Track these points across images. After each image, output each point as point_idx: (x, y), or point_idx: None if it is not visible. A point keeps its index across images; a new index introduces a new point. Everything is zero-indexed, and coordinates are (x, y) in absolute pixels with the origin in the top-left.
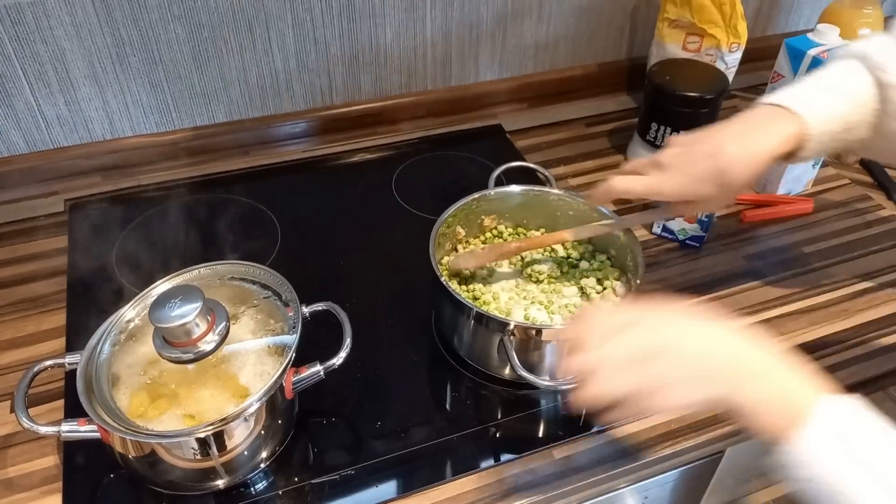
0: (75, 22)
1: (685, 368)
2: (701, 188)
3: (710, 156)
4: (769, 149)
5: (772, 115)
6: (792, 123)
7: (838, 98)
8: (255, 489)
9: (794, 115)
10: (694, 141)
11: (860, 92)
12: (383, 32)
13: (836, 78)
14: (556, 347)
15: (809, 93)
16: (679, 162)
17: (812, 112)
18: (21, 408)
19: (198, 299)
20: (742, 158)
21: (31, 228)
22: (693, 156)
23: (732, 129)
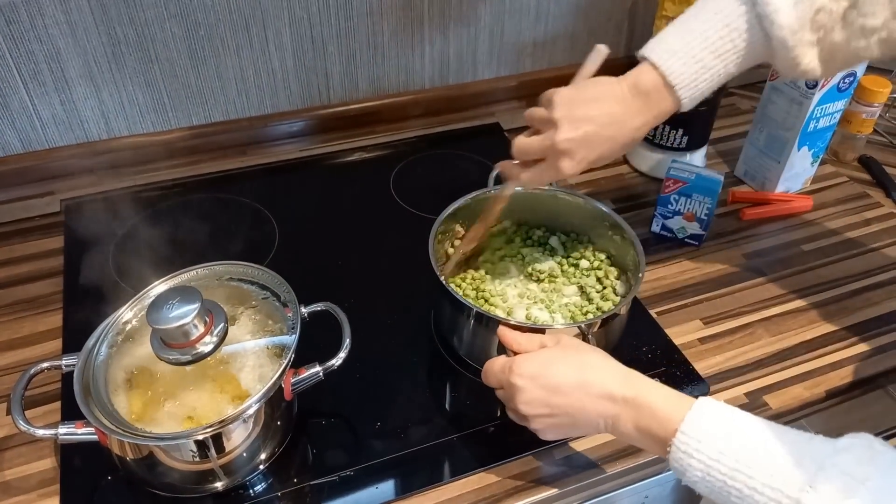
0: (70, 21)
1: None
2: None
3: (611, 140)
4: (652, 125)
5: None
6: (671, 101)
7: (721, 59)
8: (253, 491)
9: (673, 91)
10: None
11: (743, 48)
12: (381, 31)
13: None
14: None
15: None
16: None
17: (690, 79)
18: (18, 410)
19: (196, 300)
20: (637, 140)
21: (26, 229)
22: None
23: (624, 108)
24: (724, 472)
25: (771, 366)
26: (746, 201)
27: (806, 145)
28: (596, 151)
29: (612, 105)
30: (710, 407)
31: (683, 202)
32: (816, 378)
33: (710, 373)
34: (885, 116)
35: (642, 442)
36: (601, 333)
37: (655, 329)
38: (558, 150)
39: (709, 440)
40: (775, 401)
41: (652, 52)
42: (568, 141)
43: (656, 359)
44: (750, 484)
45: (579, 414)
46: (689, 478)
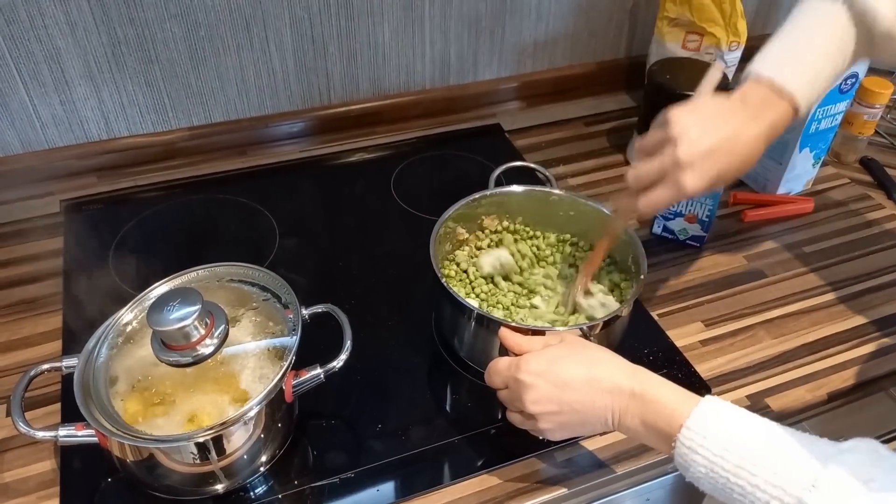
0: (70, 21)
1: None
2: (717, 185)
3: (729, 154)
4: (772, 137)
5: (768, 102)
6: (787, 107)
7: (825, 58)
8: (254, 493)
9: (788, 97)
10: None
11: (848, 48)
12: (381, 31)
13: (821, 38)
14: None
15: (797, 60)
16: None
17: (804, 85)
18: (17, 412)
19: (196, 302)
20: (755, 154)
21: (26, 230)
22: (711, 154)
23: (738, 121)
24: (727, 468)
25: (773, 368)
26: (748, 203)
27: (807, 147)
28: (717, 165)
29: (727, 118)
30: (716, 405)
31: (685, 204)
32: (818, 380)
33: (712, 375)
34: (887, 118)
35: (648, 437)
36: (603, 335)
37: (657, 331)
38: (680, 164)
39: (713, 437)
40: (777, 403)
41: (755, 68)
42: (689, 154)
43: (658, 361)
44: (753, 482)
45: (588, 410)
46: (693, 474)
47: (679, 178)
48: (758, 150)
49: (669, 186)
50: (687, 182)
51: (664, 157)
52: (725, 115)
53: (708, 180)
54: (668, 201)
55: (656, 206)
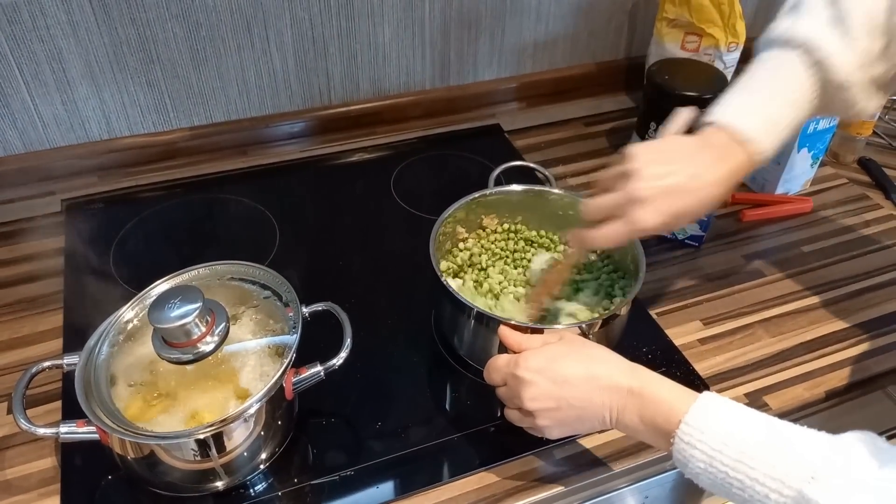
0: (72, 21)
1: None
2: (673, 225)
3: (688, 194)
4: (731, 182)
5: (728, 149)
6: (746, 156)
7: (785, 108)
8: (254, 490)
9: (747, 145)
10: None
11: (807, 96)
12: (382, 32)
13: (780, 85)
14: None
15: (757, 109)
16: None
17: (764, 134)
18: (19, 409)
19: (197, 300)
20: (714, 197)
21: (27, 229)
22: (670, 192)
23: (701, 162)
24: (726, 462)
25: (771, 366)
26: (746, 203)
27: (806, 147)
28: (675, 204)
29: (689, 157)
30: (714, 400)
31: None
32: (816, 379)
33: (711, 373)
34: (885, 118)
35: (646, 434)
36: (602, 334)
37: (656, 330)
38: (635, 199)
39: (712, 431)
40: (775, 401)
41: (716, 115)
42: (646, 189)
43: (656, 359)
44: (751, 475)
45: (586, 406)
46: (692, 469)
47: (633, 213)
48: (718, 194)
49: (623, 222)
50: (641, 218)
51: (619, 192)
52: (688, 155)
53: (663, 218)
54: (620, 237)
55: (608, 241)
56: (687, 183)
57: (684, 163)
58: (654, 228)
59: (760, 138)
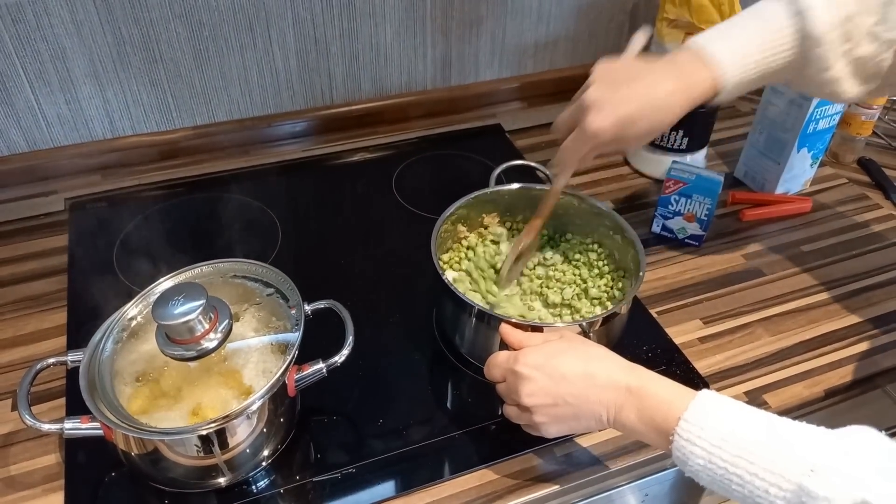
0: (76, 20)
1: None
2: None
3: (641, 99)
4: (688, 100)
5: (691, 66)
6: (708, 75)
7: (757, 45)
8: (256, 487)
9: (711, 66)
10: (619, 81)
11: (782, 40)
12: (383, 32)
13: (757, 22)
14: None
15: (730, 38)
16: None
17: (729, 61)
18: (24, 405)
19: (201, 297)
20: (668, 109)
21: (31, 227)
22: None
23: (657, 73)
24: (725, 458)
25: (770, 365)
26: (746, 202)
27: (805, 147)
28: (626, 107)
29: (648, 69)
30: (713, 398)
31: (684, 203)
32: (815, 377)
33: (710, 372)
34: (884, 119)
35: (644, 432)
36: (602, 332)
37: (656, 328)
38: (587, 105)
39: (711, 428)
40: (775, 400)
41: (689, 41)
42: (596, 92)
43: (656, 358)
44: (751, 470)
45: (583, 404)
46: (692, 466)
47: (585, 118)
48: (672, 105)
49: (578, 128)
50: (591, 120)
51: (578, 101)
52: (647, 67)
53: (612, 120)
54: (576, 145)
55: (567, 152)
56: (640, 89)
57: (642, 73)
58: (605, 132)
59: (726, 63)
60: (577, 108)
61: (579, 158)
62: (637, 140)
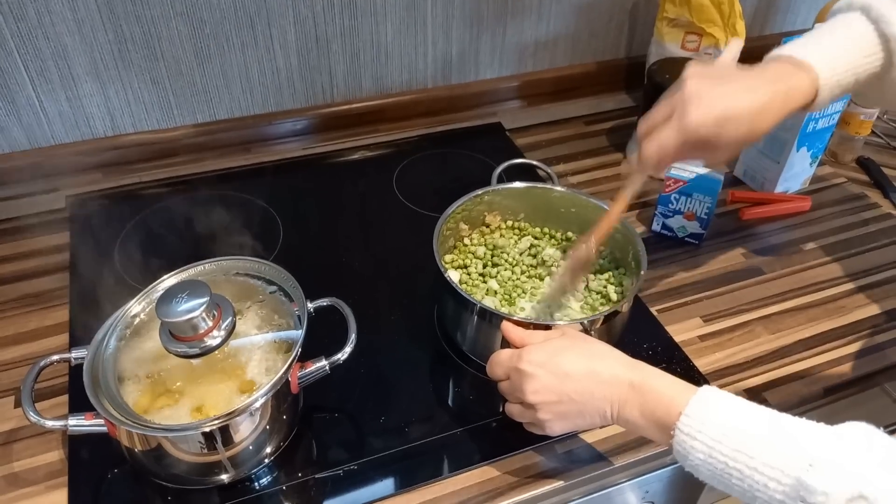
0: (77, 18)
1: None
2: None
3: (739, 98)
4: (787, 103)
5: (787, 71)
6: (805, 78)
7: (846, 49)
8: (259, 483)
9: (807, 70)
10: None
11: (866, 43)
12: (384, 30)
13: (841, 30)
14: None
15: (819, 45)
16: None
17: (823, 64)
18: (28, 402)
19: (204, 294)
20: (766, 115)
21: (32, 225)
22: (722, 92)
23: (756, 80)
24: (725, 453)
25: (770, 363)
26: (746, 201)
27: (805, 146)
28: (727, 102)
29: (745, 72)
30: (714, 393)
31: (684, 201)
32: (815, 375)
33: (710, 370)
34: (884, 118)
35: (646, 428)
36: (603, 330)
37: (656, 326)
38: (685, 98)
39: (711, 423)
40: (774, 397)
41: (775, 52)
42: (696, 86)
43: (657, 356)
44: (750, 464)
45: (587, 400)
46: (692, 461)
47: (683, 110)
48: (769, 109)
49: (673, 121)
50: (691, 113)
51: (673, 96)
52: (744, 71)
53: (713, 115)
54: (669, 139)
55: (658, 143)
56: (741, 90)
57: (739, 76)
58: (706, 126)
59: (821, 67)
60: (671, 103)
61: (667, 157)
62: (733, 143)
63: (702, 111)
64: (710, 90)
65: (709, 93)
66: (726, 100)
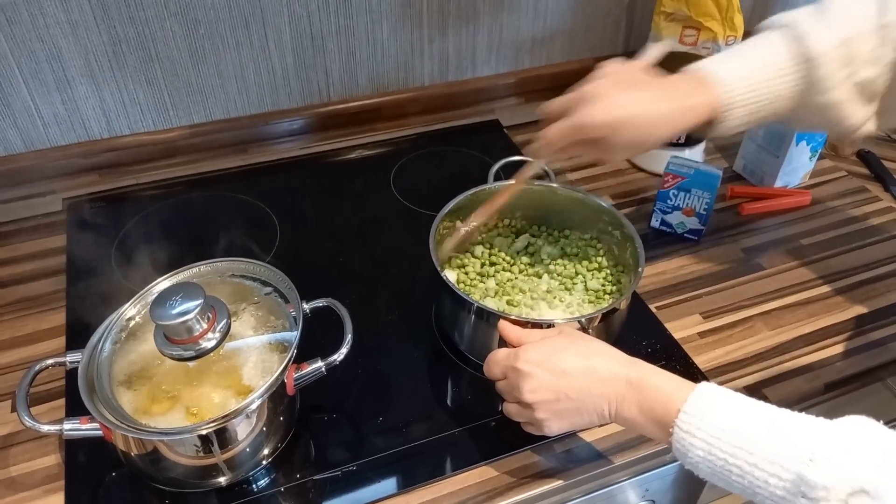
0: (71, 20)
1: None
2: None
3: (638, 107)
4: (687, 119)
5: (691, 87)
6: (709, 95)
7: (757, 69)
8: (256, 486)
9: (710, 87)
10: (623, 84)
11: (781, 63)
12: (380, 28)
13: (759, 48)
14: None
15: (734, 63)
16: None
17: (731, 83)
18: (23, 406)
19: (199, 296)
20: (660, 126)
21: (29, 228)
22: (621, 101)
23: (661, 91)
24: (725, 449)
25: (770, 359)
26: (745, 196)
27: (804, 140)
28: (624, 109)
29: (652, 83)
30: (712, 390)
31: (682, 197)
32: (815, 371)
33: (710, 366)
34: None
35: (645, 425)
36: (601, 328)
37: (655, 323)
38: (585, 97)
39: (710, 419)
40: (774, 394)
41: (695, 65)
42: (597, 87)
43: (656, 353)
44: (750, 461)
45: (585, 398)
46: (691, 459)
47: (581, 108)
48: (667, 123)
49: (570, 115)
50: (586, 113)
51: (579, 91)
52: (651, 81)
53: (607, 118)
54: (561, 132)
55: (550, 137)
56: (641, 99)
57: (647, 84)
58: (596, 128)
59: (729, 85)
60: (572, 98)
61: (559, 148)
62: (626, 148)
63: (598, 113)
64: (613, 94)
65: (610, 96)
66: (625, 107)
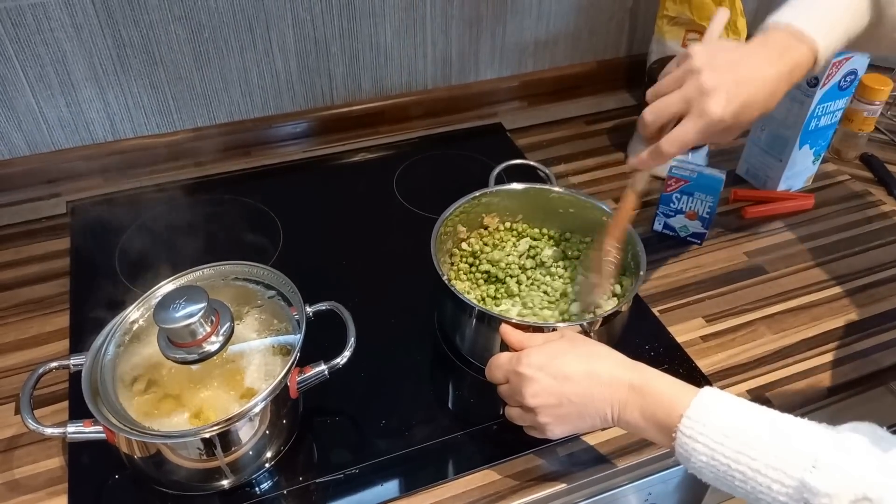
0: (76, 23)
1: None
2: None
3: (753, 85)
4: (792, 79)
5: (788, 44)
6: (807, 51)
7: (840, 15)
8: (259, 489)
9: (807, 42)
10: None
11: (857, 5)
12: (383, 31)
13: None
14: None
15: (816, 12)
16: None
17: (821, 33)
18: (27, 409)
19: (202, 300)
20: (776, 93)
21: (33, 230)
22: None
23: (759, 59)
24: (728, 454)
25: (773, 363)
26: (748, 199)
27: (807, 143)
28: (745, 91)
29: (750, 52)
30: (715, 394)
31: (685, 201)
32: (819, 375)
33: (713, 370)
34: (887, 114)
35: (647, 430)
36: (603, 331)
37: (658, 327)
38: (704, 90)
39: (713, 424)
40: (777, 398)
41: (773, 18)
42: (714, 78)
43: (659, 356)
44: (753, 466)
45: (587, 402)
46: (694, 463)
47: (703, 104)
48: (779, 89)
49: (693, 116)
50: (713, 107)
51: (687, 87)
52: (745, 52)
53: (734, 106)
54: (690, 135)
55: (681, 141)
56: (751, 74)
57: (745, 56)
58: (725, 119)
59: (821, 36)
60: (685, 95)
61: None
62: (747, 126)
63: (722, 104)
64: (726, 81)
65: (726, 84)
66: (742, 89)
